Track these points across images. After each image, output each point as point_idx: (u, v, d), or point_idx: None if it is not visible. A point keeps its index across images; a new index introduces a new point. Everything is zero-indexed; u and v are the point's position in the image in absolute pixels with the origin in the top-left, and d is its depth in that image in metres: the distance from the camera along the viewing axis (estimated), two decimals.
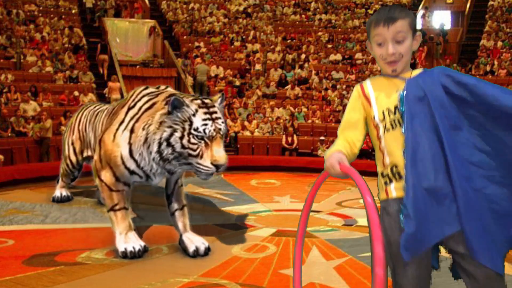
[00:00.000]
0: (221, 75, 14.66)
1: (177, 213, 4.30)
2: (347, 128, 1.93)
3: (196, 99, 3.82)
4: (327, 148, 11.64)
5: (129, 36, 16.37)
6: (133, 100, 4.14)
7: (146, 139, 3.84)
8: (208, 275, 3.63)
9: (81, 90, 12.62)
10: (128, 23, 16.71)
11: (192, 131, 3.64)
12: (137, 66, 15.31)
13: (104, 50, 14.71)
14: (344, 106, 13.22)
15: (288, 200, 6.84)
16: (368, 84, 1.92)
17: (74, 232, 4.97)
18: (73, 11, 17.30)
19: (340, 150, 1.86)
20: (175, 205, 4.32)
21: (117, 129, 4.06)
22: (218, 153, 3.65)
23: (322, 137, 11.81)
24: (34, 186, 7.39)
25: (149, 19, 17.39)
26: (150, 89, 4.23)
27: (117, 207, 4.06)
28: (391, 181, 1.82)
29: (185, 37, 16.85)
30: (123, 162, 3.99)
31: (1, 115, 10.39)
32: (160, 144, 3.72)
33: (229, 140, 12.01)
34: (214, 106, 3.82)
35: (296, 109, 13.12)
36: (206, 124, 3.66)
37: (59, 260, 3.95)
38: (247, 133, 12.21)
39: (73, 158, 5.71)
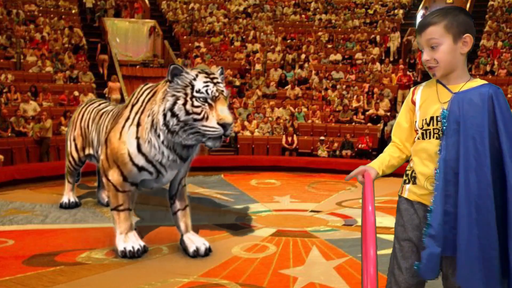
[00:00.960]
0: None
1: (179, 213, 4.29)
2: (399, 132, 2.02)
3: (195, 69, 3.87)
4: (327, 148, 11.54)
5: (129, 36, 16.37)
6: (136, 97, 4.14)
7: (152, 122, 3.81)
8: (208, 275, 3.63)
9: (81, 90, 12.62)
10: (128, 23, 16.72)
11: (195, 94, 3.59)
12: (137, 66, 15.32)
13: (104, 50, 14.71)
14: (344, 106, 13.24)
15: (288, 200, 6.84)
16: (419, 89, 1.95)
17: (74, 232, 4.97)
18: (73, 11, 17.29)
19: (373, 168, 1.99)
20: (177, 205, 4.30)
21: (123, 127, 4.03)
22: (223, 112, 3.58)
23: (322, 137, 11.80)
24: (34, 186, 7.38)
25: (149, 19, 17.39)
26: (151, 84, 4.24)
27: (121, 208, 4.05)
28: (408, 182, 1.95)
29: (185, 37, 16.85)
30: (131, 159, 3.94)
31: (1, 115, 10.39)
32: (164, 115, 3.65)
33: (229, 140, 12.01)
34: (214, 74, 3.80)
35: (296, 109, 13.12)
36: (207, 86, 3.63)
37: (59, 260, 3.95)
38: (247, 133, 12.21)
39: (75, 155, 5.69)
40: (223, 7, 19.09)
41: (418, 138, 1.90)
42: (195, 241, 4.15)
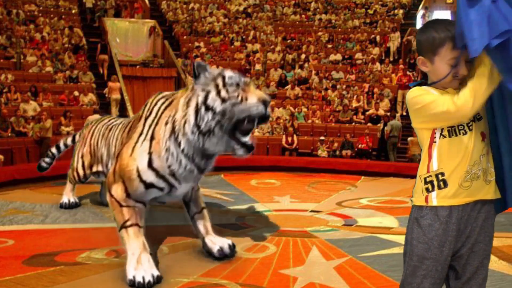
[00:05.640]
0: None
1: (196, 217, 4.20)
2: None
3: None
4: (327, 148, 11.53)
5: (129, 36, 16.37)
6: (149, 109, 3.95)
7: (173, 129, 3.62)
8: (208, 275, 3.63)
9: (81, 90, 12.63)
10: (128, 23, 16.72)
11: (227, 81, 3.48)
12: (137, 66, 15.32)
13: (104, 50, 14.71)
14: (344, 106, 13.23)
15: (288, 200, 6.84)
16: (431, 89, 1.87)
17: (74, 232, 4.97)
18: (73, 11, 17.31)
19: None
20: (193, 209, 4.22)
21: (136, 142, 3.81)
22: (260, 92, 3.55)
23: (322, 137, 11.80)
24: (34, 186, 7.38)
25: (149, 19, 17.39)
26: (164, 93, 4.06)
27: (128, 223, 3.66)
28: (433, 188, 1.83)
29: (185, 37, 16.86)
30: (139, 175, 3.69)
31: (1, 115, 10.39)
32: (197, 112, 3.46)
33: None
34: None
35: (296, 109, 13.12)
36: (236, 74, 3.58)
37: (59, 260, 3.95)
38: None
39: (81, 172, 5.60)
40: (223, 7, 19.10)
41: (444, 136, 1.81)
42: (217, 241, 4.05)
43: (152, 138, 3.74)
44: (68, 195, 5.94)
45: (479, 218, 1.84)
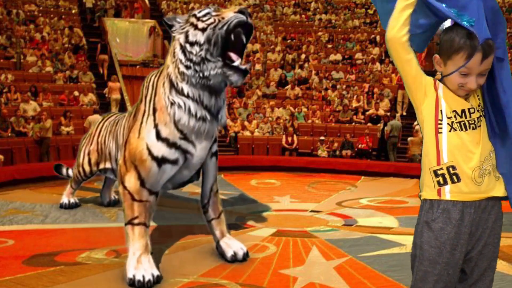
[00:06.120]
0: None
1: (214, 222, 4.15)
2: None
3: None
4: (327, 148, 11.48)
5: (129, 36, 16.39)
6: (146, 87, 3.93)
7: (170, 83, 3.59)
8: (208, 275, 3.63)
9: (81, 90, 12.63)
10: (128, 23, 16.74)
11: (199, 15, 3.53)
12: (137, 66, 15.33)
13: (104, 50, 14.72)
14: (344, 106, 13.24)
15: (288, 200, 6.84)
16: (439, 84, 1.86)
17: (74, 232, 4.97)
18: (73, 11, 17.31)
19: None
20: (211, 215, 4.15)
21: (142, 122, 3.75)
22: (232, 8, 3.57)
23: (322, 137, 11.81)
24: (34, 186, 7.38)
25: (149, 19, 17.40)
26: (154, 71, 4.08)
27: (136, 221, 3.59)
28: (445, 182, 1.80)
29: None
30: (150, 153, 3.60)
31: (1, 115, 10.39)
32: (184, 52, 3.50)
33: (229, 140, 12.01)
34: None
35: (296, 109, 13.12)
36: (205, 8, 3.64)
37: (59, 260, 3.95)
38: (247, 133, 12.21)
39: (87, 168, 5.57)
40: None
41: (455, 129, 1.79)
42: (232, 245, 4.02)
43: (154, 110, 3.68)
44: (68, 196, 5.94)
45: (489, 220, 1.83)
